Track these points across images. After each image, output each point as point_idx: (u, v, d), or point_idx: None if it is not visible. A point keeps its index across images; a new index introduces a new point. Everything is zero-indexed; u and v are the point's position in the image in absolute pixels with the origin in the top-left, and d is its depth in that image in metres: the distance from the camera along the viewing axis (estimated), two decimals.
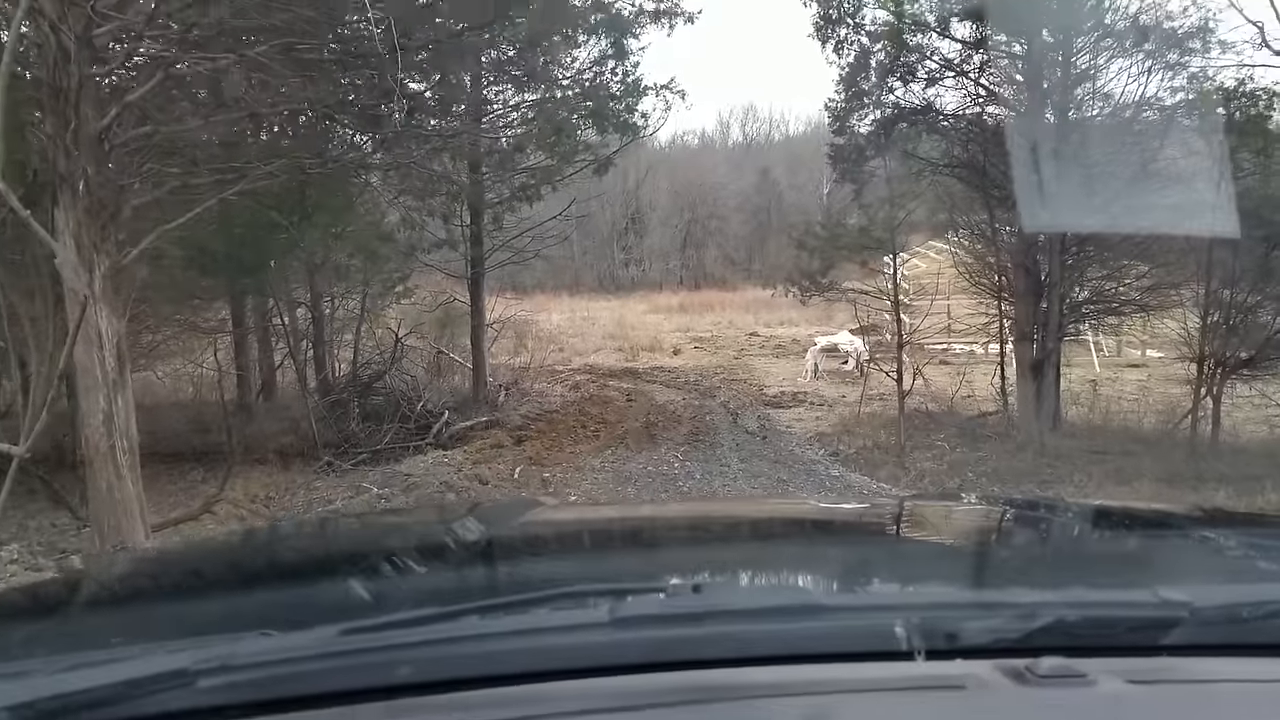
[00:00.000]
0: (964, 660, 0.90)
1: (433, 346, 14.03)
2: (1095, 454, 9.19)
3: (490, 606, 1.06)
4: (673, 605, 1.02)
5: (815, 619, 0.97)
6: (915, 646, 0.90)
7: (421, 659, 0.88)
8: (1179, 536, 1.60)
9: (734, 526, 2.00)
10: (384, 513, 5.65)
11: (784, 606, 1.01)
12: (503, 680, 0.87)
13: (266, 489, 9.44)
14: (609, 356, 20.49)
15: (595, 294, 36.01)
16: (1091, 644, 0.93)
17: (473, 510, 2.23)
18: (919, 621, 0.93)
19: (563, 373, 17.54)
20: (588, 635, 0.92)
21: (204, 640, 0.93)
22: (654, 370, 18.12)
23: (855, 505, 3.67)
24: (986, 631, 0.93)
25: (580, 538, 1.85)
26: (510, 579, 1.44)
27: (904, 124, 9.14)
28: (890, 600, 1.19)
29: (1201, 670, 0.93)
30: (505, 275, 37.32)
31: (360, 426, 11.20)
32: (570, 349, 21.61)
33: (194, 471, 10.60)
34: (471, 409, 12.15)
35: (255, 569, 1.60)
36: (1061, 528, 1.77)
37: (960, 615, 0.97)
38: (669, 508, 3.84)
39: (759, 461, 8.88)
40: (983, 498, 3.79)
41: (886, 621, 0.93)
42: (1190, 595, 0.98)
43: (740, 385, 15.78)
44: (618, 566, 1.52)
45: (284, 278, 11.15)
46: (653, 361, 19.69)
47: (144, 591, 1.50)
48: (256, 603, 1.26)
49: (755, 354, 20.89)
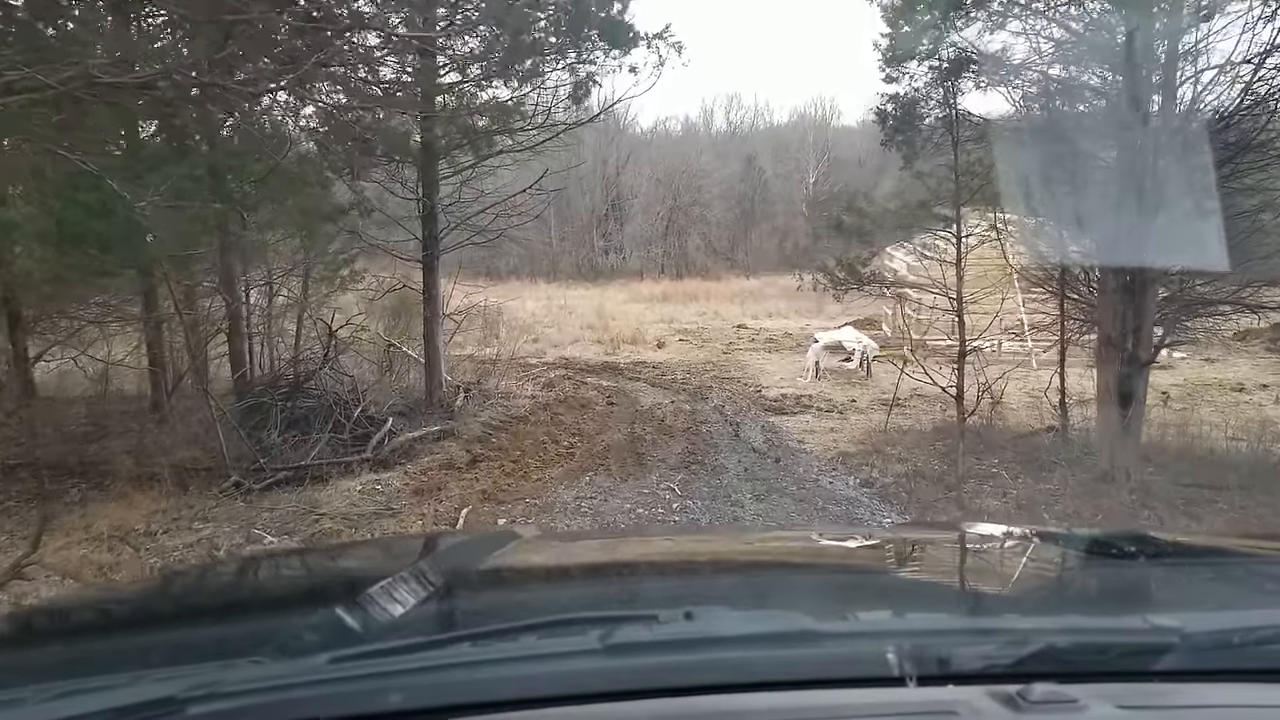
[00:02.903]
0: (956, 686, 0.88)
1: (384, 339, 11.74)
2: (1193, 488, 7.13)
3: (481, 634, 1.02)
4: (665, 632, 0.97)
5: (807, 645, 0.95)
6: (907, 672, 0.88)
7: (412, 686, 0.86)
8: (1170, 562, 1.56)
9: (725, 554, 1.93)
10: (373, 541, 5.25)
11: (776, 633, 0.98)
12: (494, 707, 0.84)
13: (147, 519, 7.15)
14: (587, 349, 18.31)
15: (573, 282, 33.87)
16: (1083, 670, 0.91)
17: (462, 541, 2.24)
18: (911, 648, 0.90)
19: (536, 367, 15.35)
20: (580, 662, 0.90)
21: (193, 668, 0.94)
22: (636, 366, 15.94)
23: (848, 533, 3.59)
24: (978, 658, 0.91)
25: (570, 567, 1.79)
26: (501, 606, 1.39)
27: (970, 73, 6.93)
28: (882, 627, 1.08)
29: (1193, 696, 0.91)
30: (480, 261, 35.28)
31: (283, 437, 8.92)
32: (545, 340, 19.44)
33: (74, 489, 8.31)
34: (423, 415, 9.89)
35: (244, 597, 1.57)
36: (1052, 554, 1.71)
37: (952, 641, 0.95)
38: (659, 538, 3.53)
39: (780, 498, 6.69)
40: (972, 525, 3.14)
41: (879, 648, 0.91)
42: (1181, 621, 0.97)
43: (734, 385, 13.61)
44: (609, 594, 1.47)
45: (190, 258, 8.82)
46: (635, 355, 17.53)
47: (133, 619, 1.46)
48: (246, 631, 1.24)
49: (745, 348, 18.77)
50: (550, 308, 25.05)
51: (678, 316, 24.44)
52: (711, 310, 26.13)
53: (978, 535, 2.07)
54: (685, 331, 21.38)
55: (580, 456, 8.25)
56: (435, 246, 10.00)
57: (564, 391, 12.73)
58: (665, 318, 23.96)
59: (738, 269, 37.44)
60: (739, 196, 42.64)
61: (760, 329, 21.85)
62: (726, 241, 42.28)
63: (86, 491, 8.16)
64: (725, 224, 42.53)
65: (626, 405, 11.52)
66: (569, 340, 19.39)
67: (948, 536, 2.13)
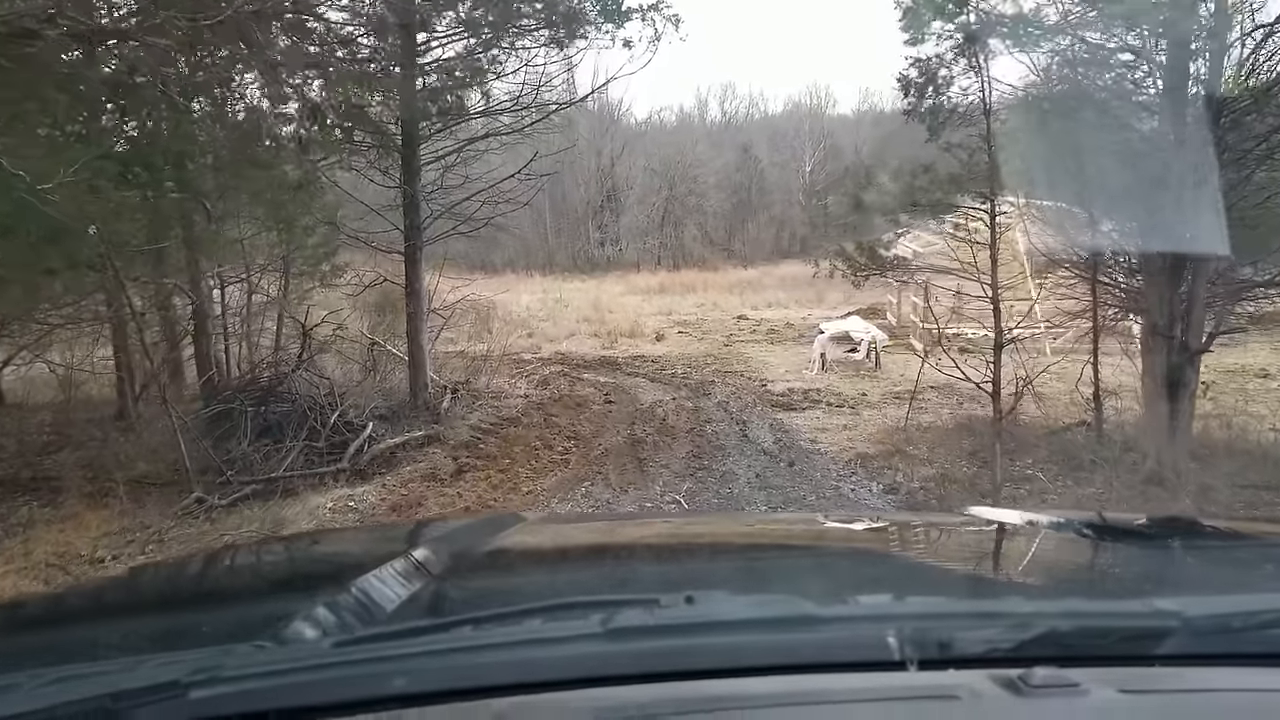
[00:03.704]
0: (957, 670, 0.86)
1: (366, 337, 10.99)
2: (1250, 489, 6.43)
3: (482, 618, 1.00)
4: (666, 616, 0.94)
5: (808, 629, 0.93)
6: (908, 657, 0.86)
7: (414, 670, 0.85)
8: (1172, 547, 1.51)
9: (727, 539, 1.88)
10: (375, 526, 5.00)
11: (777, 617, 0.96)
12: (495, 691, 0.83)
13: (95, 543, 6.42)
14: (583, 343, 17.57)
15: (569, 274, 33.06)
16: (1084, 654, 0.89)
17: (464, 524, 2.15)
18: (912, 632, 0.88)
19: (530, 363, 14.62)
20: (581, 646, 0.89)
21: (195, 653, 0.92)
22: (635, 360, 15.21)
23: (849, 517, 3.43)
24: (979, 642, 0.88)
25: (572, 550, 1.76)
26: (502, 590, 1.38)
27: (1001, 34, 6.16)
28: (883, 611, 1.05)
29: (1194, 680, 0.89)
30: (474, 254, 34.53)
31: (253, 446, 8.19)
32: (540, 334, 18.71)
33: (25, 508, 7.59)
34: (407, 418, 9.15)
35: (247, 582, 1.55)
36: (1054, 539, 1.63)
37: (953, 625, 0.93)
38: (660, 521, 3.39)
39: (799, 510, 5.99)
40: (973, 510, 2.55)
41: (880, 632, 0.88)
42: (1182, 605, 0.95)
43: (738, 379, 12.88)
44: (610, 578, 1.45)
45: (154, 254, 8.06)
46: (633, 349, 16.78)
47: (136, 604, 1.44)
48: (247, 615, 1.22)
49: (746, 340, 18.05)
50: (545, 301, 24.32)
51: (676, 308, 23.71)
52: (710, 301, 25.41)
53: (978, 519, 1.99)
54: (684, 323, 20.65)
55: (575, 463, 7.53)
56: (418, 237, 9.25)
57: (559, 389, 12.00)
58: (663, 310, 23.22)
59: (735, 259, 36.69)
60: (735, 186, 41.85)
61: (761, 320, 21.13)
62: (723, 232, 41.51)
63: (37, 510, 7.42)
64: (722, 214, 41.73)
65: (625, 403, 10.80)
66: (565, 334, 18.65)
67: (948, 520, 2.06)
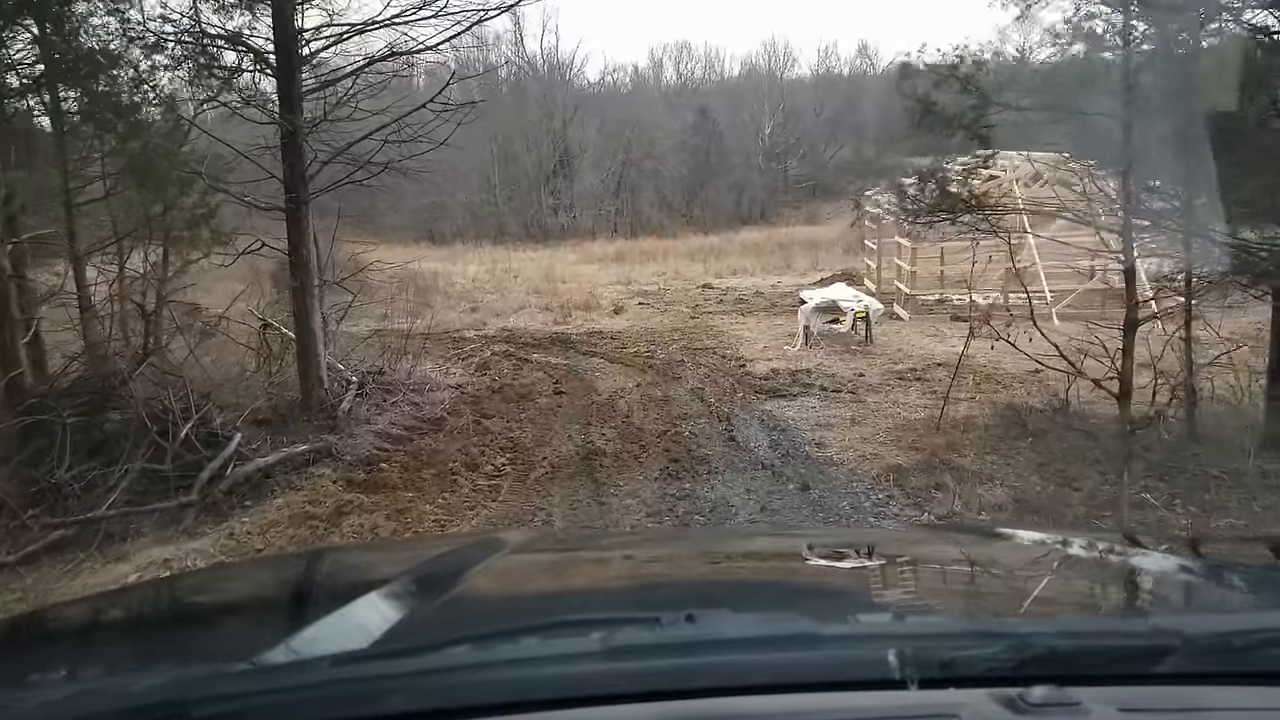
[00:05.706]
0: (957, 689, 0.84)
1: (257, 317, 8.65)
2: None
3: (482, 636, 0.98)
4: (666, 635, 0.91)
5: (809, 648, 0.91)
6: (908, 675, 0.84)
7: (414, 689, 0.82)
8: (1172, 565, 1.47)
9: (727, 556, 1.80)
10: (371, 545, 4.46)
11: (777, 636, 0.95)
12: (495, 710, 0.81)
13: None
14: (534, 318, 15.34)
15: (521, 243, 30.58)
16: (1084, 673, 0.86)
17: (461, 543, 2.08)
18: (912, 651, 0.86)
19: (471, 342, 12.41)
20: (580, 665, 0.87)
21: (196, 671, 0.91)
22: (591, 337, 13.05)
23: (849, 535, 3.36)
24: (979, 660, 0.86)
25: (570, 569, 1.68)
26: (502, 609, 1.31)
27: None
28: (883, 630, 1.03)
29: (1194, 699, 0.87)
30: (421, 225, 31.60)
31: (77, 471, 5.90)
32: (486, 308, 16.41)
33: None
34: (295, 424, 6.90)
35: (246, 601, 1.52)
36: (1053, 557, 1.60)
37: (953, 644, 0.90)
38: (659, 538, 3.20)
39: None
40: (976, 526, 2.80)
41: (879, 651, 0.86)
42: (1183, 624, 0.94)
43: (711, 358, 10.79)
44: (609, 596, 1.40)
45: None
46: (589, 324, 14.58)
47: (137, 623, 1.41)
48: (248, 634, 1.21)
49: (714, 311, 15.93)
50: (494, 271, 21.94)
51: (635, 277, 21.47)
52: (671, 269, 23.20)
53: (979, 538, 1.89)
54: (645, 294, 18.45)
55: (509, 492, 5.36)
56: (303, 188, 6.94)
57: (500, 376, 9.80)
58: (621, 279, 20.97)
59: (695, 225, 34.47)
60: (693, 150, 39.46)
61: (727, 288, 19.01)
62: (681, 197, 39.19)
63: None
64: (680, 179, 39.36)
65: (580, 394, 8.65)
66: (513, 308, 16.36)
67: (949, 539, 2.03)
